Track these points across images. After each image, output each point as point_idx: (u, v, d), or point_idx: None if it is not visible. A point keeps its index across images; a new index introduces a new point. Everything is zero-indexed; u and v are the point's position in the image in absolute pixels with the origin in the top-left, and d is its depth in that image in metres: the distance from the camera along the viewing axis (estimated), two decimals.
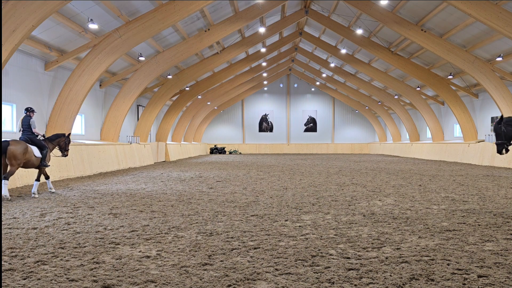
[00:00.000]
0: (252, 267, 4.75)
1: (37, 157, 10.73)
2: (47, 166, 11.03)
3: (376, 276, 4.45)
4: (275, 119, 51.77)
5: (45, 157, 10.89)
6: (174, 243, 5.86)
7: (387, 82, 33.00)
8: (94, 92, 23.63)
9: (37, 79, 17.89)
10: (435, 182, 14.17)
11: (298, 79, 51.08)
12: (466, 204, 9.23)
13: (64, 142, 11.81)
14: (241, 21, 22.43)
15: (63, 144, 11.80)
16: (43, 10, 11.99)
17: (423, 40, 22.29)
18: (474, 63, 22.41)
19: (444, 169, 20.67)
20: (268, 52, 32.55)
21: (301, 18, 27.47)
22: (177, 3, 17.38)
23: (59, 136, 11.75)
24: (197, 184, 13.84)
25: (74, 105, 17.78)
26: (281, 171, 19.36)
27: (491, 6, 16.95)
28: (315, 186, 12.94)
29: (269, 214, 8.05)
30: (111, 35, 17.64)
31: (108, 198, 10.42)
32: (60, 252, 5.39)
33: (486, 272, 4.58)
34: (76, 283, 4.27)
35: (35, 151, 10.68)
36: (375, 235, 6.27)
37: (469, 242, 5.85)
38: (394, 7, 21.67)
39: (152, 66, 22.44)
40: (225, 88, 38.16)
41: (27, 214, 8.04)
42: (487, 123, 28.61)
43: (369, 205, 9.17)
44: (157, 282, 4.31)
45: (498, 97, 22.44)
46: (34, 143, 10.75)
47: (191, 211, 8.40)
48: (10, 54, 12.09)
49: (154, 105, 27.49)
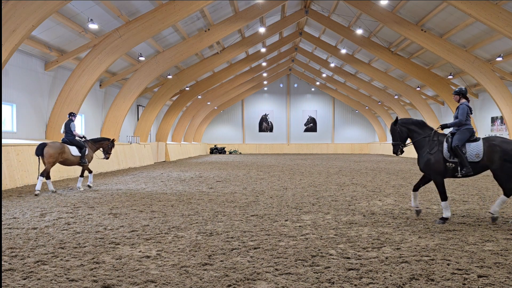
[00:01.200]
0: (252, 267, 4.75)
1: (75, 156, 11.91)
2: (85, 163, 12.13)
3: (376, 276, 4.44)
4: (275, 119, 51.76)
5: (83, 156, 12.05)
6: (174, 243, 5.86)
7: (387, 82, 33.00)
8: (94, 92, 23.64)
9: (37, 79, 17.89)
10: None
11: (298, 79, 51.08)
12: (466, 204, 9.23)
13: (107, 146, 12.95)
14: (241, 21, 22.43)
15: (106, 147, 12.94)
16: (43, 10, 11.99)
17: (423, 40, 22.29)
18: (474, 63, 22.41)
19: None
20: (268, 52, 32.55)
21: (301, 18, 27.47)
22: (177, 3, 17.38)
23: (104, 140, 12.94)
24: (197, 184, 13.83)
25: (74, 105, 17.78)
26: (281, 171, 19.36)
27: (491, 6, 16.95)
28: (315, 186, 12.94)
29: (269, 214, 8.05)
30: (111, 35, 17.64)
31: (108, 198, 10.42)
32: (60, 252, 5.39)
33: (486, 272, 4.58)
34: (76, 283, 4.27)
35: (74, 151, 11.88)
36: (375, 235, 6.27)
37: (469, 242, 5.85)
38: (394, 7, 21.67)
39: (152, 66, 22.44)
40: (225, 88, 38.16)
41: (27, 214, 8.04)
42: (487, 123, 28.61)
43: (369, 205, 9.17)
44: (157, 282, 4.31)
45: (498, 97, 22.44)
46: (73, 143, 12.03)
47: (191, 211, 8.40)
48: (10, 54, 12.10)
49: (154, 105, 27.49)
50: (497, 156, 6.95)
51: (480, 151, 7.07)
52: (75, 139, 12.11)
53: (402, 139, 7.66)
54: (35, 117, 17.75)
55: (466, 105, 7.34)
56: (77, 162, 12.05)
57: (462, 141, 7.17)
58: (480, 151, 7.07)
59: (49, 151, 11.28)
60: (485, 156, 7.05)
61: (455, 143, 7.15)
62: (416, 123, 7.65)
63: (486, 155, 7.05)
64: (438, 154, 7.25)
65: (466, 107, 7.33)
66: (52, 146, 11.37)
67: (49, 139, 17.88)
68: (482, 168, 7.16)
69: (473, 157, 7.08)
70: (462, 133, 7.24)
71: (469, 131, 7.24)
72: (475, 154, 7.08)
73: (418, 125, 7.61)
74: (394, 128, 7.67)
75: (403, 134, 7.64)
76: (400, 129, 7.64)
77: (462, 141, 7.17)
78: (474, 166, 7.13)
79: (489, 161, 7.03)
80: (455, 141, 7.16)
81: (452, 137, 7.30)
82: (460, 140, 7.16)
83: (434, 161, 7.25)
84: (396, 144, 7.67)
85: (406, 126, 7.63)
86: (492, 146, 7.03)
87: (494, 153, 6.99)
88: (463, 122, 7.29)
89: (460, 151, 7.07)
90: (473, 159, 7.09)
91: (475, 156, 7.08)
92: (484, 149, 7.06)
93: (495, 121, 27.73)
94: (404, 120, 7.72)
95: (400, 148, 7.66)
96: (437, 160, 7.24)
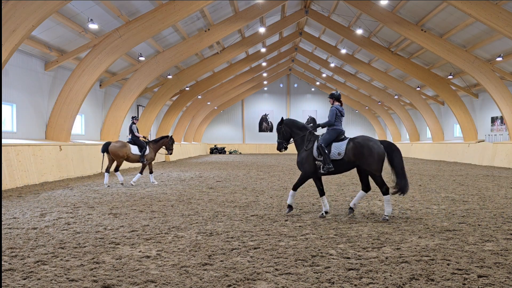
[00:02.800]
0: (252, 267, 4.75)
1: (134, 154, 13.35)
2: (143, 162, 13.45)
3: (376, 276, 4.44)
4: (275, 119, 51.70)
5: (143, 155, 13.40)
6: (174, 243, 5.86)
7: (387, 82, 32.99)
8: (94, 92, 23.64)
9: (37, 79, 17.89)
10: (435, 182, 14.17)
11: (298, 79, 51.08)
12: (466, 204, 9.23)
13: (168, 143, 13.96)
14: (241, 21, 22.42)
15: (167, 144, 14.00)
16: (43, 10, 11.98)
17: (423, 40, 22.28)
18: (474, 63, 22.40)
19: (444, 169, 20.67)
20: (268, 52, 32.54)
21: (301, 18, 27.46)
22: (177, 3, 17.38)
23: (163, 138, 14.01)
24: (197, 184, 13.84)
25: (74, 105, 17.78)
26: (281, 171, 19.36)
27: (491, 6, 16.94)
28: (315, 186, 12.93)
29: (269, 214, 8.06)
30: (111, 35, 17.64)
31: (108, 198, 10.42)
32: (60, 252, 5.39)
33: (486, 272, 4.58)
34: (76, 283, 4.27)
35: (134, 150, 13.36)
36: (375, 235, 6.27)
37: (469, 242, 5.85)
38: (394, 7, 21.67)
39: (152, 66, 22.44)
40: (225, 88, 38.15)
41: (27, 214, 8.04)
42: (487, 123, 28.60)
43: (369, 205, 9.17)
44: (157, 282, 4.31)
45: (498, 97, 22.43)
46: (135, 143, 13.51)
47: (191, 211, 8.41)
48: (10, 54, 12.09)
49: (154, 105, 27.48)
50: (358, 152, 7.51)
51: (342, 149, 7.64)
52: (138, 139, 13.59)
53: (285, 138, 8.31)
54: (35, 117, 17.75)
55: (336, 108, 7.93)
56: (137, 160, 13.47)
57: (327, 140, 7.76)
58: (342, 150, 7.64)
59: (113, 148, 12.99)
60: (348, 154, 7.61)
61: (320, 142, 7.76)
62: (297, 124, 8.28)
63: (350, 152, 7.59)
64: (309, 153, 7.88)
65: (336, 109, 7.90)
66: (115, 144, 13.11)
67: (49, 139, 17.88)
68: (348, 165, 7.72)
69: (336, 155, 7.67)
70: (329, 133, 7.85)
71: (336, 132, 7.83)
72: (338, 152, 7.66)
73: (298, 126, 8.25)
74: (279, 128, 8.31)
75: (287, 134, 8.27)
76: (284, 129, 8.27)
77: (327, 140, 7.76)
78: (338, 163, 7.70)
79: (353, 158, 7.59)
80: (321, 141, 7.78)
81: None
82: (325, 140, 7.76)
83: (305, 159, 7.89)
84: (280, 142, 8.31)
85: (289, 126, 8.25)
86: (354, 144, 7.59)
87: (354, 150, 7.56)
88: (331, 123, 7.88)
89: (323, 149, 7.66)
90: (336, 157, 7.67)
91: (337, 154, 7.66)
92: (347, 148, 7.63)
93: (495, 121, 27.73)
94: (287, 121, 8.33)
95: (283, 146, 8.31)
96: (308, 158, 7.87)
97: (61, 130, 17.77)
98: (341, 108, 7.99)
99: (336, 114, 7.87)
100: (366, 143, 7.53)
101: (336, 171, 7.77)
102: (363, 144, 7.52)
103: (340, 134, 7.87)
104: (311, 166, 7.83)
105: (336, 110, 7.88)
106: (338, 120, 7.91)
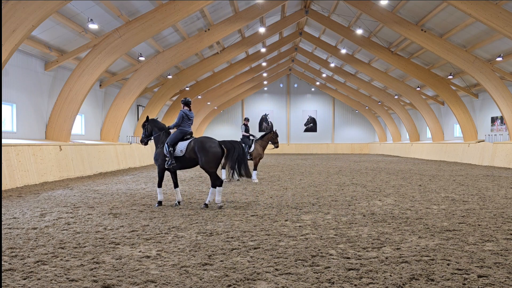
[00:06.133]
0: (252, 267, 4.75)
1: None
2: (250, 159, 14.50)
3: (376, 276, 4.44)
4: (275, 119, 51.77)
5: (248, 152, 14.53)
6: (174, 243, 5.86)
7: (387, 82, 32.99)
8: (94, 92, 23.64)
9: (37, 79, 17.89)
10: (435, 182, 14.17)
11: (298, 79, 51.08)
12: (466, 204, 9.23)
13: (272, 138, 14.91)
14: (241, 21, 22.43)
15: (271, 139, 14.92)
16: (43, 10, 11.98)
17: (423, 40, 22.28)
18: (474, 63, 22.40)
19: (444, 169, 20.67)
20: (268, 52, 32.54)
21: (301, 18, 27.47)
22: (177, 3, 17.38)
23: (267, 133, 14.96)
24: (197, 184, 13.84)
25: (74, 105, 17.78)
26: (281, 171, 19.36)
27: (491, 6, 16.94)
28: (315, 186, 12.94)
29: (269, 214, 8.05)
30: (111, 35, 17.64)
31: (108, 198, 10.42)
32: (60, 252, 5.39)
33: (486, 272, 4.58)
34: (76, 283, 4.27)
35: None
36: (375, 235, 6.27)
37: (469, 242, 5.85)
38: (394, 7, 21.67)
39: (152, 66, 22.44)
40: (225, 88, 38.15)
41: (27, 214, 8.04)
42: (487, 123, 28.60)
43: (369, 205, 9.17)
44: (157, 282, 4.31)
45: (498, 97, 22.43)
46: (243, 142, 14.58)
47: (191, 211, 8.40)
48: (10, 54, 12.10)
49: (154, 105, 27.49)
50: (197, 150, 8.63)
51: (184, 148, 8.83)
52: (245, 138, 14.78)
53: (147, 135, 9.66)
54: (35, 117, 17.76)
55: (183, 112, 9.16)
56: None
57: (172, 140, 8.95)
58: (184, 148, 8.82)
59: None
60: (189, 152, 8.77)
61: (167, 141, 8.98)
62: (157, 125, 9.56)
63: (190, 150, 8.75)
64: (161, 150, 9.12)
65: (183, 113, 9.15)
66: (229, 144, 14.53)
67: (49, 139, 17.89)
68: (190, 162, 8.89)
69: (178, 152, 8.87)
70: (175, 133, 9.06)
71: (181, 133, 9.05)
72: (180, 150, 8.85)
73: (158, 126, 9.54)
74: (144, 125, 9.63)
75: (148, 131, 9.62)
76: (147, 127, 9.60)
77: (172, 140, 8.95)
78: (182, 159, 8.90)
79: (193, 156, 8.74)
80: (168, 140, 8.99)
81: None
82: (171, 139, 8.96)
83: (158, 155, 9.15)
84: (143, 138, 9.69)
85: (151, 125, 9.58)
86: (194, 143, 8.74)
87: (194, 149, 8.69)
88: (178, 124, 9.14)
89: (167, 147, 8.87)
90: (178, 154, 8.87)
91: (180, 152, 8.85)
92: (188, 146, 8.80)
93: (495, 121, 27.73)
94: (151, 120, 9.64)
95: (145, 141, 9.69)
96: (160, 154, 9.13)
97: (61, 130, 17.78)
98: (188, 112, 9.23)
99: (183, 117, 9.12)
100: (204, 143, 8.63)
101: (181, 167, 8.97)
102: (201, 144, 8.63)
103: (186, 134, 9.07)
104: (163, 162, 9.04)
105: (183, 114, 9.14)
106: (185, 122, 9.17)
